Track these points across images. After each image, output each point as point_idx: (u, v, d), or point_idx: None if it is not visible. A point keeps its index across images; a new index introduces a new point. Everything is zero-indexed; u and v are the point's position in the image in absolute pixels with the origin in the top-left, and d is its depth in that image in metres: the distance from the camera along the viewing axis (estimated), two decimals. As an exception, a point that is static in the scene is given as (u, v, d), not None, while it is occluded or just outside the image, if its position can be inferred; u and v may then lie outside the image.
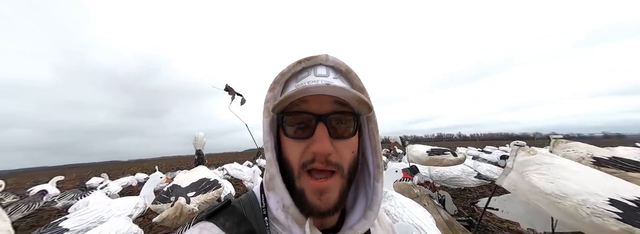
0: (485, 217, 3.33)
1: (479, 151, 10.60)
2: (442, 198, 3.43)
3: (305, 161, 0.29)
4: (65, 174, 8.65)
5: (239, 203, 0.37)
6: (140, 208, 2.33)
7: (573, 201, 0.90)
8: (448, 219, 2.65)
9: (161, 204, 1.54)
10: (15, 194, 4.56)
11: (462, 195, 4.60)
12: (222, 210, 0.35)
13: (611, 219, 0.79)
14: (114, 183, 5.48)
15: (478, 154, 8.79)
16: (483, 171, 4.16)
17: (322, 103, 0.30)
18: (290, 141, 0.31)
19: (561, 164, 1.10)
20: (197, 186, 1.69)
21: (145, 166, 23.84)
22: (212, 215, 0.34)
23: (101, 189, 4.49)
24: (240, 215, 0.34)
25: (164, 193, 1.63)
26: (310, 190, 0.29)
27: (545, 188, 1.02)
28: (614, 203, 0.81)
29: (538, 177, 1.11)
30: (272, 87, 0.34)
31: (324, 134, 0.28)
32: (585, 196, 0.88)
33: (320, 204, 0.29)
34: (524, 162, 1.26)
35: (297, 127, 0.30)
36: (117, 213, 2.00)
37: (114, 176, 9.17)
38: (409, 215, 1.72)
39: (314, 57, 0.33)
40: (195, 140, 2.06)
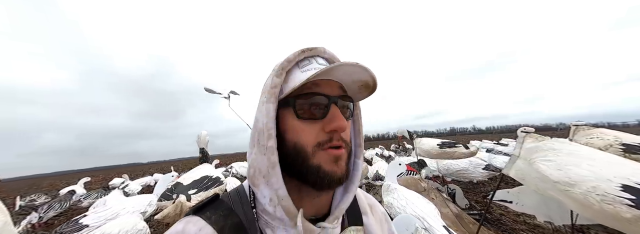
0: (500, 210, 3.19)
1: (495, 143, 10.10)
2: (452, 192, 3.32)
3: (321, 140, 0.31)
4: (92, 175, 9.34)
5: (227, 196, 0.38)
6: (153, 206, 2.47)
7: (582, 189, 0.83)
8: (457, 212, 2.57)
9: (165, 201, 1.61)
10: (46, 195, 5.01)
11: (476, 189, 4.43)
12: (210, 204, 0.36)
13: (623, 206, 0.72)
14: (134, 183, 5.84)
15: (493, 146, 8.38)
16: (499, 163, 3.97)
17: (332, 87, 0.34)
18: (303, 123, 0.32)
19: (571, 149, 1.02)
20: (198, 184, 1.76)
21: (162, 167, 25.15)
22: (199, 209, 0.35)
23: (121, 189, 4.82)
24: (227, 208, 0.35)
25: (168, 191, 1.70)
26: (327, 160, 0.31)
27: (553, 175, 0.95)
28: (627, 189, 0.74)
29: (546, 164, 1.03)
30: (280, 73, 0.34)
31: (339, 113, 0.32)
32: (596, 183, 0.81)
33: (337, 169, 0.31)
34: (531, 149, 1.18)
35: (312, 108, 0.32)
36: (131, 210, 2.14)
37: (135, 176, 9.77)
38: (412, 207, 1.69)
39: (315, 48, 0.36)
40: (199, 139, 2.13)
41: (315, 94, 0.32)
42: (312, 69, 0.33)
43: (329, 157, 0.31)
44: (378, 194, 3.01)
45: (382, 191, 2.09)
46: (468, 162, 3.38)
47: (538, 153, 1.13)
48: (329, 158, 0.31)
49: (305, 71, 0.33)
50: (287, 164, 0.32)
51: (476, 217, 2.85)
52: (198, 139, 2.12)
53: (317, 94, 0.32)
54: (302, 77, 0.32)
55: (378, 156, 7.18)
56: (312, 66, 0.34)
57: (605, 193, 0.77)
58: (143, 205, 2.24)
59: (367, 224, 0.42)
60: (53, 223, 4.33)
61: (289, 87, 0.32)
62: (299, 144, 0.31)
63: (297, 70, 0.34)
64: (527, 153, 1.20)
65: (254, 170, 0.33)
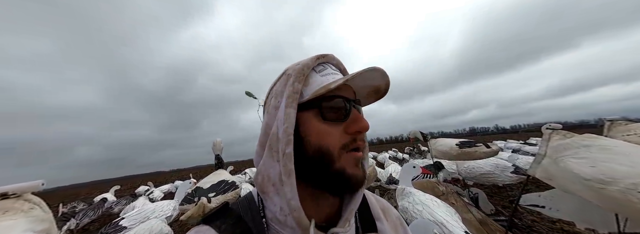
0: (532, 216, 2.88)
1: (521, 143, 9.31)
2: (475, 196, 3.08)
3: (345, 141, 0.31)
4: (122, 184, 10.09)
5: (237, 205, 0.37)
6: (177, 210, 2.64)
7: (620, 186, 0.75)
8: (482, 218, 2.37)
9: (187, 204, 1.71)
10: (84, 202, 5.49)
11: (502, 193, 4.07)
12: (219, 213, 0.35)
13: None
14: (157, 190, 6.21)
15: (519, 146, 7.71)
16: (523, 164, 3.64)
17: (349, 91, 0.35)
18: (329, 125, 0.32)
19: (604, 144, 0.93)
20: (216, 188, 1.84)
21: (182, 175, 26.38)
22: (208, 218, 0.34)
23: (146, 196, 5.14)
24: (237, 217, 0.34)
25: (188, 195, 1.81)
26: (350, 164, 0.31)
27: (586, 172, 0.87)
28: (676, 186, 0.66)
29: (576, 161, 0.95)
30: (301, 79, 0.33)
31: (361, 115, 0.34)
32: (636, 179, 0.73)
33: (359, 172, 0.32)
34: (559, 147, 1.09)
35: (336, 111, 0.32)
36: (160, 214, 2.35)
37: (159, 184, 10.37)
38: (429, 212, 1.60)
39: (327, 55, 0.37)
40: (214, 146, 2.24)
41: (338, 97, 0.32)
42: (329, 74, 0.35)
43: (351, 159, 0.31)
44: (392, 199, 2.88)
45: (397, 195, 2.00)
46: (494, 166, 3.12)
47: (567, 151, 1.04)
48: (352, 161, 0.31)
49: (324, 75, 0.34)
50: (305, 171, 0.31)
51: (504, 223, 2.60)
52: (213, 146, 2.23)
53: (340, 96, 0.33)
54: (324, 80, 0.33)
55: (391, 159, 6.94)
56: (329, 71, 0.35)
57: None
58: (169, 210, 2.41)
59: (381, 230, 0.40)
60: (88, 228, 4.70)
61: (311, 90, 0.33)
62: (324, 148, 0.30)
63: (316, 74, 0.34)
64: (554, 151, 1.11)
65: (263, 177, 0.33)
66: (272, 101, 0.35)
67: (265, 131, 0.35)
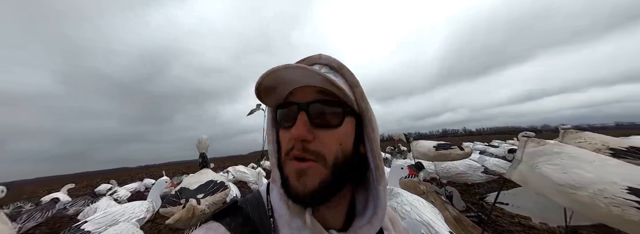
0: (496, 212, 3.26)
1: (486, 145, 10.43)
2: (450, 194, 3.37)
3: (288, 148, 0.31)
4: (76, 182, 8.86)
5: (245, 203, 0.37)
6: (150, 211, 2.39)
7: (589, 191, 0.86)
8: (456, 215, 2.60)
9: (171, 207, 1.56)
10: (31, 203, 4.69)
11: (470, 191, 4.52)
12: (229, 210, 0.35)
13: (631, 208, 0.75)
14: (123, 189, 5.57)
15: (485, 148, 8.64)
16: (490, 165, 4.08)
17: (306, 93, 0.32)
18: (282, 131, 0.34)
19: (573, 152, 1.06)
20: (205, 188, 1.71)
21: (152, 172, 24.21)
22: (219, 215, 0.34)
23: (109, 195, 4.58)
24: (245, 215, 0.34)
25: (172, 197, 1.65)
26: (292, 173, 0.30)
27: (558, 178, 0.98)
28: (634, 191, 0.77)
29: (550, 168, 1.07)
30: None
31: (301, 121, 0.30)
32: (602, 186, 0.84)
33: (298, 185, 0.29)
34: (534, 153, 1.22)
35: (286, 117, 0.33)
36: (131, 216, 2.08)
37: (123, 182, 9.34)
38: (416, 212, 1.69)
39: (309, 57, 0.36)
40: (199, 143, 2.08)
41: (288, 103, 0.33)
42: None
43: (292, 168, 0.30)
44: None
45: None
46: (467, 166, 3.46)
47: (541, 157, 1.16)
48: (293, 170, 0.30)
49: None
50: None
51: (474, 219, 2.90)
52: (198, 143, 2.06)
53: (289, 103, 0.32)
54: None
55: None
56: None
57: (613, 195, 0.80)
58: (142, 212, 2.16)
59: None
60: (33, 233, 4.04)
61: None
62: (279, 152, 0.34)
63: None
64: (530, 157, 1.23)
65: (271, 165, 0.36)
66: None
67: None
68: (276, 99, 0.34)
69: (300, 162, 0.29)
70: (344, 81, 0.34)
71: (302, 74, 0.29)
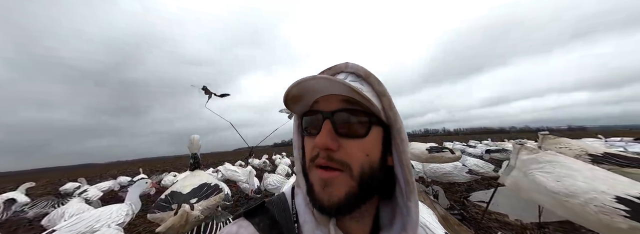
0: (475, 209, 3.53)
1: (464, 145, 11.20)
2: (436, 193, 3.57)
3: (312, 155, 0.31)
4: (35, 179, 7.88)
5: (271, 205, 0.37)
6: (129, 215, 2.19)
7: (580, 200, 0.94)
8: (443, 214, 2.76)
9: (161, 213, 1.42)
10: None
11: (452, 189, 4.83)
12: (258, 210, 0.36)
13: (619, 217, 0.83)
14: (94, 188, 5.06)
15: (464, 148, 9.27)
16: (471, 165, 4.37)
17: (331, 102, 0.32)
18: (307, 138, 0.34)
19: (564, 162, 1.15)
20: (198, 192, 1.59)
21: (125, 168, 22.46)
22: (250, 214, 0.35)
23: (79, 196, 4.13)
24: (272, 218, 0.34)
25: (162, 201, 1.50)
26: (317, 181, 0.30)
27: (552, 186, 1.06)
28: (621, 201, 0.85)
29: (543, 175, 1.15)
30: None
31: (325, 130, 0.30)
32: (593, 195, 0.92)
33: (323, 195, 0.29)
34: (528, 161, 1.30)
35: (310, 125, 0.33)
36: (109, 222, 1.86)
37: (91, 180, 8.50)
38: (414, 214, 1.77)
39: (335, 66, 0.36)
40: (191, 143, 1.93)
41: (314, 111, 0.33)
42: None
43: (317, 177, 0.30)
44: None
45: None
46: (453, 167, 3.67)
47: (534, 165, 1.25)
48: (317, 179, 0.30)
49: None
50: None
51: (458, 217, 3.11)
52: (190, 143, 1.92)
53: (315, 111, 0.33)
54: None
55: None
56: None
57: (603, 204, 0.88)
58: (121, 216, 1.96)
59: None
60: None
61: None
62: (304, 158, 0.34)
63: None
64: (523, 165, 1.32)
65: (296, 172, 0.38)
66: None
67: None
68: (303, 106, 0.35)
69: (325, 171, 0.29)
70: (371, 89, 0.34)
71: (328, 84, 0.29)
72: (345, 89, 0.29)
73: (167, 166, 20.18)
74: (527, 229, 2.83)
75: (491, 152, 7.32)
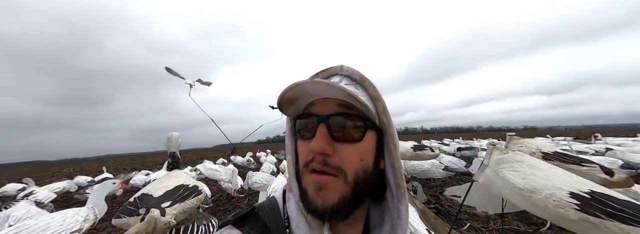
0: (448, 202, 3.86)
1: (439, 143, 12.11)
2: (415, 188, 3.82)
3: (307, 160, 0.30)
4: (-38, 180, 6.59)
5: (262, 210, 0.35)
6: (90, 220, 1.92)
7: (542, 195, 1.06)
8: (422, 208, 2.97)
9: (127, 217, 1.27)
10: None
11: (428, 184, 5.21)
12: (248, 217, 0.34)
13: (572, 209, 0.95)
14: (44, 190, 4.41)
15: (439, 146, 10.04)
16: (446, 162, 4.75)
17: (326, 106, 0.32)
18: (300, 142, 0.34)
19: (530, 162, 1.29)
20: (173, 195, 1.45)
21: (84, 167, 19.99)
22: (238, 221, 0.33)
23: (28, 199, 3.57)
24: (263, 224, 0.33)
25: (130, 205, 1.34)
26: (311, 185, 0.30)
27: (519, 183, 1.18)
28: (574, 196, 0.99)
29: (511, 174, 1.27)
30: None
31: (320, 134, 0.30)
32: (552, 191, 1.05)
33: (318, 199, 0.29)
34: (499, 160, 1.43)
35: (305, 128, 0.33)
36: (60, 230, 1.58)
37: (41, 180, 7.41)
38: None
39: (330, 68, 0.36)
40: (169, 141, 1.76)
41: (308, 114, 0.32)
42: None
43: (311, 181, 0.30)
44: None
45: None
46: (431, 164, 3.95)
47: (505, 164, 1.38)
48: (311, 182, 0.30)
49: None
50: None
51: (434, 210, 3.38)
52: (168, 141, 1.75)
53: (309, 114, 0.32)
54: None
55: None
56: None
57: (559, 199, 1.00)
58: (76, 222, 1.71)
59: None
60: None
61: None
62: (298, 163, 0.34)
63: None
64: (495, 164, 1.45)
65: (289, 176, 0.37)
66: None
67: None
68: (296, 109, 0.34)
69: (320, 176, 0.29)
70: (365, 94, 0.34)
71: (325, 88, 0.29)
72: (343, 94, 0.29)
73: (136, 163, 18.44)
74: (491, 220, 3.18)
75: (462, 150, 8.03)
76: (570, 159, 1.83)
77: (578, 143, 7.59)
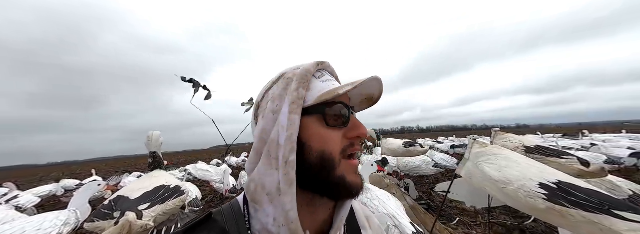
0: (439, 199, 3.91)
1: (434, 141, 12.26)
2: (407, 186, 3.85)
3: (344, 146, 0.32)
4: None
5: (221, 215, 0.34)
6: (71, 224, 1.86)
7: (514, 186, 1.09)
8: (412, 204, 3.00)
9: (100, 221, 1.21)
10: None
11: (421, 181, 5.27)
12: (202, 225, 0.32)
13: (540, 199, 0.98)
14: (28, 194, 4.27)
15: (433, 144, 10.16)
16: (438, 160, 4.81)
17: (346, 98, 0.37)
18: (332, 130, 0.32)
19: (506, 155, 1.32)
20: (152, 196, 1.41)
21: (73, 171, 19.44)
22: (189, 230, 0.31)
23: (7, 204, 3.45)
24: (221, 230, 0.31)
25: (104, 208, 1.30)
26: (350, 171, 0.32)
27: (494, 175, 1.21)
28: (542, 186, 1.01)
29: (489, 166, 1.30)
30: (306, 85, 0.34)
31: (360, 121, 0.35)
32: (523, 182, 1.07)
33: (358, 179, 0.32)
34: (478, 154, 1.46)
35: (339, 117, 0.33)
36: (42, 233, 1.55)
37: (27, 184, 7.17)
38: (383, 206, 1.86)
39: (325, 62, 0.38)
40: (149, 141, 1.72)
41: (339, 103, 0.33)
42: (328, 80, 0.36)
43: (351, 167, 0.32)
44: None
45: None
46: (422, 161, 3.99)
47: (483, 157, 1.41)
48: (351, 169, 0.32)
49: (324, 81, 0.36)
50: (305, 178, 0.30)
51: (425, 206, 3.42)
52: (148, 141, 1.70)
53: (341, 103, 0.33)
54: (325, 87, 0.34)
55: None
56: (327, 78, 0.37)
57: (529, 189, 1.03)
58: (54, 226, 1.66)
59: None
60: None
61: (312, 96, 0.33)
62: (327, 153, 0.31)
63: (316, 80, 0.35)
64: (475, 157, 1.48)
65: (256, 186, 0.31)
66: (268, 104, 0.34)
67: (261, 137, 0.33)
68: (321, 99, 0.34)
69: (355, 161, 0.33)
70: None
71: (378, 84, 0.35)
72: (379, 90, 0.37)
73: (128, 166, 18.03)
74: (479, 214, 3.23)
75: (455, 148, 8.16)
76: (550, 153, 1.89)
77: (566, 140, 7.81)
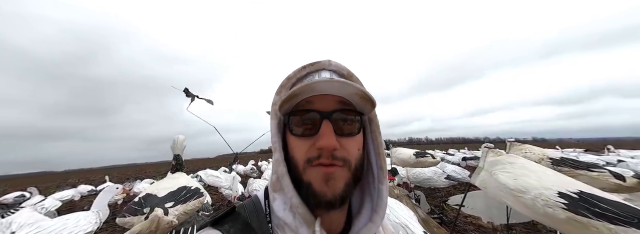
0: (453, 213, 3.71)
1: (444, 153, 11.85)
2: (418, 197, 3.71)
3: (310, 156, 0.30)
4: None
5: (243, 209, 0.36)
6: (97, 224, 2.01)
7: (531, 195, 1.08)
8: (424, 217, 2.88)
9: (131, 217, 1.31)
10: None
11: (433, 194, 5.04)
12: (227, 217, 0.34)
13: (559, 209, 0.97)
14: (50, 198, 4.48)
15: (444, 156, 9.83)
16: (449, 171, 4.65)
17: (327, 102, 0.32)
18: (297, 139, 0.32)
19: (522, 163, 1.32)
20: (176, 195, 1.51)
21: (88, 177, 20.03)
22: (217, 222, 0.33)
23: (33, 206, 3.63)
24: (244, 222, 0.33)
25: (135, 204, 1.40)
26: (317, 178, 0.30)
27: (510, 184, 1.21)
28: (562, 195, 1.01)
29: (504, 175, 1.30)
30: (279, 91, 0.37)
31: (329, 130, 0.30)
32: (541, 191, 1.07)
33: (327, 190, 0.29)
34: (493, 162, 1.46)
35: (304, 125, 0.32)
36: (77, 230, 1.70)
37: (47, 189, 7.48)
38: (395, 215, 1.84)
39: (318, 62, 0.36)
40: (174, 144, 1.85)
41: (307, 111, 0.32)
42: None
43: (318, 174, 0.30)
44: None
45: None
46: (433, 172, 3.88)
47: (498, 166, 1.41)
48: (318, 176, 0.30)
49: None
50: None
51: (437, 220, 3.25)
52: (174, 144, 1.84)
53: (309, 110, 0.32)
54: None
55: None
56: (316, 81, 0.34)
57: (548, 198, 1.02)
58: (89, 224, 1.81)
59: None
60: None
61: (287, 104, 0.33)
62: (294, 159, 0.32)
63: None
64: (490, 166, 1.48)
65: (276, 176, 0.34)
66: (271, 108, 0.37)
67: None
68: (289, 105, 0.33)
69: (328, 167, 0.30)
70: None
71: (340, 86, 0.30)
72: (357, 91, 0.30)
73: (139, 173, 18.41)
74: (498, 231, 3.03)
75: (467, 160, 7.85)
76: (579, 165, 1.77)
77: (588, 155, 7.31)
